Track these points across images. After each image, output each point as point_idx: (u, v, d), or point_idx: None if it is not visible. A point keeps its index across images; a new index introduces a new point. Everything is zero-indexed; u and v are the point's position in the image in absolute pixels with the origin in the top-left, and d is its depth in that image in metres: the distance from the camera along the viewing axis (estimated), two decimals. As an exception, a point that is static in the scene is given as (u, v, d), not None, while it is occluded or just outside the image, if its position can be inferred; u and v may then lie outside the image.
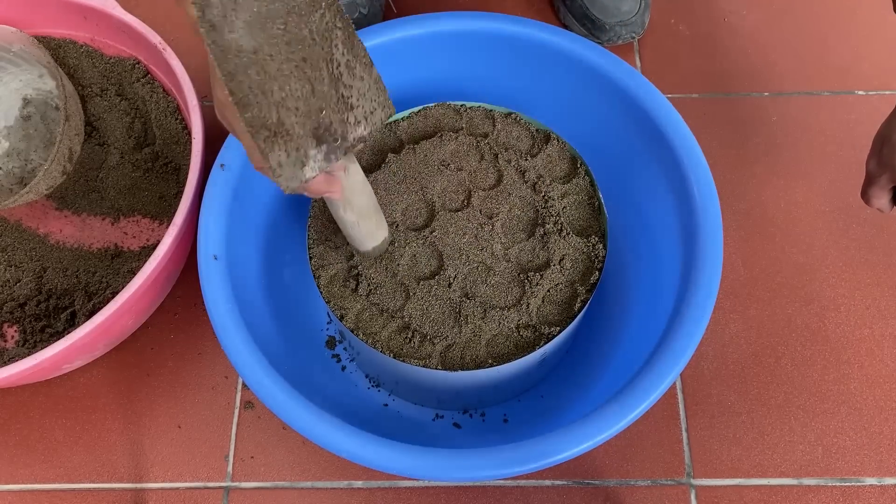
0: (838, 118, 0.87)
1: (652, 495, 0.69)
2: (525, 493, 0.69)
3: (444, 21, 0.69)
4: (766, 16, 0.95)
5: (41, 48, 0.76)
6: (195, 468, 0.71)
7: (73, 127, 0.72)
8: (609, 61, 0.67)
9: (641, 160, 0.68)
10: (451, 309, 0.58)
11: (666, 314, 0.60)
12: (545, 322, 0.58)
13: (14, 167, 0.78)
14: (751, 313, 0.77)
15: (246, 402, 0.74)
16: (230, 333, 0.57)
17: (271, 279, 0.70)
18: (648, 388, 0.54)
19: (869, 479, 0.69)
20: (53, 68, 0.73)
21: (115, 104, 0.81)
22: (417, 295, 0.59)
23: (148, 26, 0.77)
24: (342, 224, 0.56)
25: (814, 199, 0.82)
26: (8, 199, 0.71)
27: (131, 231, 0.80)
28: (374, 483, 0.70)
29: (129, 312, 0.66)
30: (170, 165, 0.80)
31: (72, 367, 0.70)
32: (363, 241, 0.58)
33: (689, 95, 0.89)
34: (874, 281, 0.78)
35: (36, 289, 0.75)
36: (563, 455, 0.52)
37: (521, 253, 0.60)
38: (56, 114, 0.78)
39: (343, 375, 0.72)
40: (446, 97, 0.68)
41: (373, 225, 0.57)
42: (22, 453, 0.72)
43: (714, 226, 0.60)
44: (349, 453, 0.53)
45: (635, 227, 0.71)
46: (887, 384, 0.73)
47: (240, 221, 0.65)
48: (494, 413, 0.71)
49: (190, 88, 0.72)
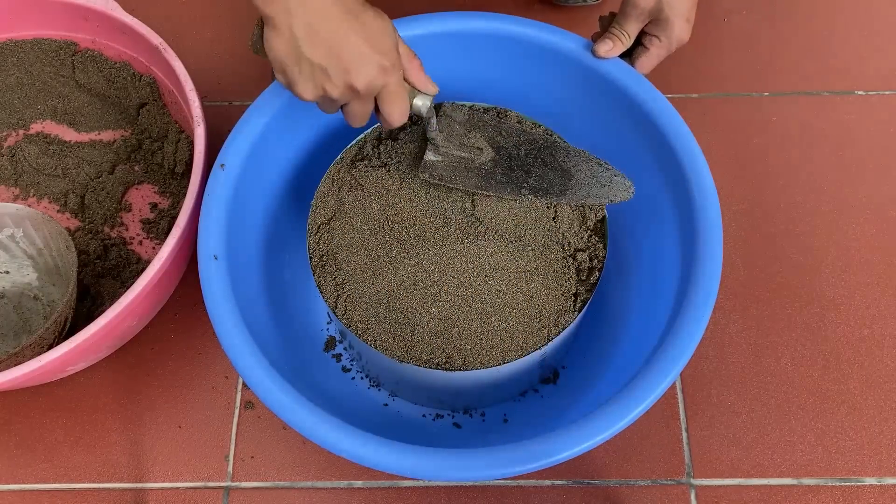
0: (838, 118, 0.87)
1: (652, 495, 0.69)
2: (525, 493, 0.69)
3: (444, 21, 0.69)
4: (766, 16, 0.95)
5: (45, 222, 0.73)
6: (195, 468, 0.71)
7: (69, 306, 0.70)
8: (609, 61, 0.67)
9: (641, 160, 0.68)
10: (452, 309, 0.59)
11: (666, 314, 0.60)
12: (545, 322, 0.58)
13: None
14: (751, 313, 0.77)
15: (246, 402, 0.74)
16: (230, 333, 0.57)
17: (271, 279, 0.70)
18: (648, 388, 0.54)
19: (869, 479, 0.69)
20: (51, 256, 0.71)
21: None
22: (418, 295, 0.59)
23: (148, 27, 0.77)
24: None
25: (814, 199, 0.82)
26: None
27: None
28: (374, 483, 0.70)
29: (133, 314, 0.66)
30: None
31: (75, 369, 0.70)
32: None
33: (689, 95, 0.89)
34: (874, 281, 0.78)
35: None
36: (563, 455, 0.52)
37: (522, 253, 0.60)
38: (33, 303, 0.76)
39: (343, 375, 0.72)
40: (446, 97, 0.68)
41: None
42: (22, 453, 0.72)
43: (714, 226, 0.60)
44: (349, 453, 0.53)
45: (635, 226, 0.71)
46: (887, 384, 0.73)
47: (240, 221, 0.65)
48: (494, 413, 0.71)
49: (191, 88, 0.72)
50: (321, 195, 0.64)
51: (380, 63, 0.51)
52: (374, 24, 0.51)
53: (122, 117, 0.86)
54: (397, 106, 0.55)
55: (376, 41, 0.51)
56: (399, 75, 0.54)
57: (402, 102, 0.55)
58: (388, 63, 0.52)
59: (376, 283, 0.60)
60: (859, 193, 0.82)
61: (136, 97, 0.85)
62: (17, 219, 0.74)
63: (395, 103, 0.55)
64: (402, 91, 0.55)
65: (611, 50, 0.65)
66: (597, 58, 0.66)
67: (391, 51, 0.52)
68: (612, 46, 0.65)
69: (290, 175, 0.72)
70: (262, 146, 0.66)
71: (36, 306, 0.76)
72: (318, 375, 0.70)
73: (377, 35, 0.51)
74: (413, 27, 0.69)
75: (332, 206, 0.63)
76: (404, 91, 0.55)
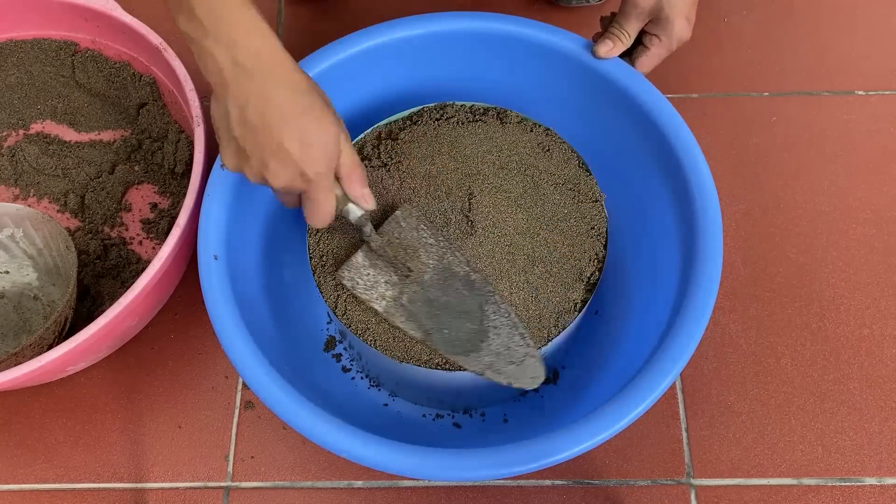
0: (838, 118, 0.87)
1: (652, 495, 0.69)
2: (525, 493, 0.69)
3: (445, 21, 0.69)
4: (766, 16, 0.95)
5: (45, 222, 0.73)
6: (195, 468, 0.71)
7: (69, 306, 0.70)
8: (609, 61, 0.67)
9: (641, 160, 0.68)
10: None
11: (666, 314, 0.60)
12: (545, 322, 0.58)
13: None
14: (751, 313, 0.77)
15: (246, 402, 0.74)
16: (230, 333, 0.57)
17: (271, 279, 0.70)
18: (648, 388, 0.54)
19: (869, 479, 0.69)
20: (51, 255, 0.71)
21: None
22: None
23: (148, 27, 0.77)
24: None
25: (814, 199, 0.82)
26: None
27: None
28: (374, 483, 0.70)
29: (133, 314, 0.66)
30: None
31: (75, 369, 0.70)
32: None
33: (689, 95, 0.89)
34: (874, 281, 0.78)
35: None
36: (563, 455, 0.52)
37: (522, 253, 0.60)
38: (33, 303, 0.75)
39: (343, 375, 0.72)
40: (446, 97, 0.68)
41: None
42: (22, 453, 0.72)
43: (714, 226, 0.60)
44: (349, 453, 0.53)
45: (635, 226, 0.71)
46: (887, 384, 0.73)
47: (240, 221, 0.65)
48: (494, 413, 0.71)
49: (191, 88, 0.72)
50: (321, 195, 0.64)
51: (300, 170, 0.49)
52: (311, 127, 0.49)
53: (122, 117, 0.86)
54: (317, 213, 0.53)
55: (307, 145, 0.49)
56: (323, 185, 0.51)
57: (321, 211, 0.53)
58: (310, 173, 0.49)
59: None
60: (859, 193, 0.82)
61: (136, 97, 0.85)
62: (17, 219, 0.74)
63: (314, 210, 0.53)
64: (323, 200, 0.52)
65: (611, 50, 0.65)
66: (597, 58, 0.66)
67: (319, 161, 0.49)
68: (612, 47, 0.65)
69: (290, 175, 0.72)
70: (262, 146, 0.66)
71: (36, 306, 0.76)
72: (318, 375, 0.70)
73: (311, 138, 0.49)
74: (413, 27, 0.69)
75: (332, 207, 0.63)
76: (327, 200, 0.52)
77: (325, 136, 0.50)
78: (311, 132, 0.49)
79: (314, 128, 0.49)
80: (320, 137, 0.49)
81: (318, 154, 0.49)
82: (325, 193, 0.52)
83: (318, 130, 0.49)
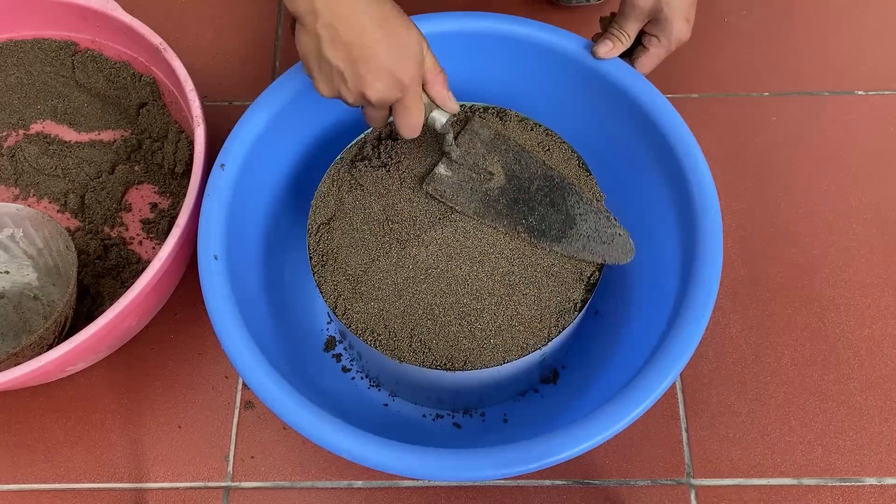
0: (838, 118, 0.87)
1: (652, 495, 0.69)
2: (525, 493, 0.69)
3: (445, 21, 0.69)
4: (766, 16, 0.95)
5: (45, 222, 0.72)
6: (195, 468, 0.71)
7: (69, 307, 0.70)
8: (609, 61, 0.67)
9: (641, 160, 0.68)
10: (453, 308, 0.59)
11: (666, 314, 0.60)
12: (545, 322, 0.58)
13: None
14: (751, 313, 0.77)
15: (246, 402, 0.74)
16: (230, 333, 0.57)
17: (271, 279, 0.70)
18: (648, 388, 0.54)
19: (869, 479, 0.69)
20: (51, 255, 0.71)
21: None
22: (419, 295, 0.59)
23: (148, 27, 0.77)
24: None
25: (814, 199, 0.82)
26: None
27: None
28: (374, 483, 0.70)
29: (133, 314, 0.66)
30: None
31: (75, 369, 0.70)
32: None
33: (689, 95, 0.89)
34: (874, 281, 0.78)
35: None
36: (563, 455, 0.52)
37: (522, 252, 0.60)
38: (33, 303, 0.75)
39: (343, 375, 0.72)
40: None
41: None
42: (22, 453, 0.72)
43: (714, 226, 0.60)
44: (349, 453, 0.53)
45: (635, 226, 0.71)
46: (887, 384, 0.73)
47: (240, 221, 0.65)
48: (494, 413, 0.71)
49: (191, 88, 0.72)
50: (321, 195, 0.64)
51: (395, 77, 0.52)
52: (400, 35, 0.51)
53: (122, 117, 0.86)
54: (410, 120, 0.55)
55: (397, 54, 0.51)
56: (415, 91, 0.54)
57: (414, 118, 0.55)
58: (405, 78, 0.52)
59: (376, 283, 0.60)
60: (859, 193, 0.82)
61: (136, 97, 0.85)
62: (17, 219, 0.74)
63: (407, 118, 0.55)
64: (416, 107, 0.55)
65: (610, 51, 0.65)
66: (597, 59, 0.66)
67: (410, 66, 0.52)
68: (611, 47, 0.65)
69: (290, 175, 0.72)
70: (262, 146, 0.66)
71: (36, 306, 0.76)
72: (318, 375, 0.70)
73: (400, 47, 0.51)
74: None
75: (332, 207, 0.63)
76: (419, 107, 0.55)
77: (413, 43, 0.52)
78: (402, 41, 0.51)
79: (404, 36, 0.51)
80: (410, 45, 0.52)
81: (410, 61, 0.52)
82: (417, 100, 0.55)
83: (408, 38, 0.52)
